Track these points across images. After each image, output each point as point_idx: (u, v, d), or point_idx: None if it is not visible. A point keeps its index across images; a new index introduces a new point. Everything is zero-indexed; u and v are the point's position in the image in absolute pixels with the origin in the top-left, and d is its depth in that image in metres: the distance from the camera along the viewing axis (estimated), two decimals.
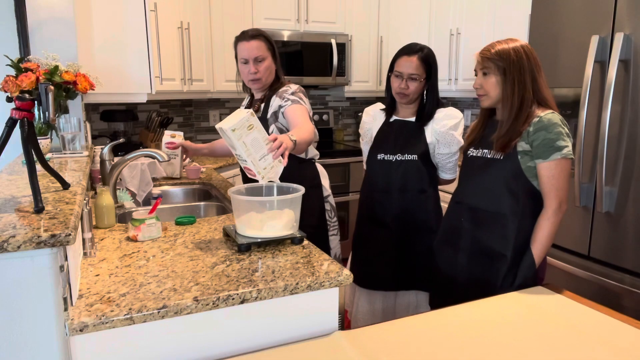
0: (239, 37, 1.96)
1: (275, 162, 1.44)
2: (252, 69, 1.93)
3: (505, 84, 1.54)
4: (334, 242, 2.17)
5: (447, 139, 1.94)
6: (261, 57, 1.92)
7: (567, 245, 2.30)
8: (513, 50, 1.54)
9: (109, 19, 2.42)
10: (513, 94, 1.54)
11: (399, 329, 1.23)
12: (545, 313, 1.30)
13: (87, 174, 1.68)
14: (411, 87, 1.93)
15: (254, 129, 1.40)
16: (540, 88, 1.56)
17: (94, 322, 1.00)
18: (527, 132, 1.52)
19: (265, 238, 1.42)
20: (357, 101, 4.55)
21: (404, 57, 1.95)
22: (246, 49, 1.92)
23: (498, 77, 1.55)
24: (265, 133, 1.43)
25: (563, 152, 1.49)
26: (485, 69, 1.58)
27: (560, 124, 1.50)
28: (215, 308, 1.11)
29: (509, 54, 1.53)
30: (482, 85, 1.60)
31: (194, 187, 2.62)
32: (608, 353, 1.11)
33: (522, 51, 1.54)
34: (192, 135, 3.91)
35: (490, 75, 1.57)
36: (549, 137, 1.49)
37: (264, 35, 1.96)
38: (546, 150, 1.49)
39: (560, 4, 2.28)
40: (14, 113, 1.16)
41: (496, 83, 1.56)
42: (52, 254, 0.98)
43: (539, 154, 1.51)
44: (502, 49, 1.55)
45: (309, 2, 3.74)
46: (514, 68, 1.53)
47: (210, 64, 3.45)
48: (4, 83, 1.86)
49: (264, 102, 2.01)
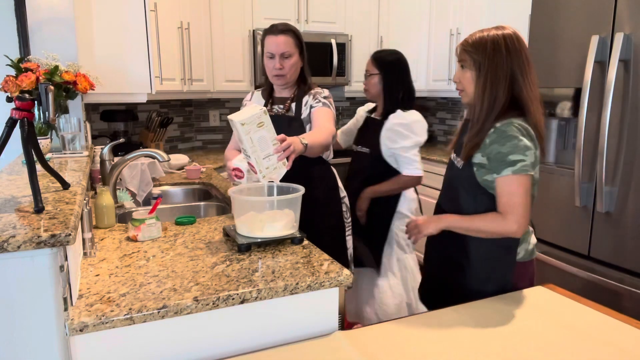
0: (268, 30, 1.91)
1: (279, 164, 1.43)
2: (277, 65, 1.87)
3: (478, 81, 1.37)
4: (349, 242, 2.18)
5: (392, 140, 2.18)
6: (288, 53, 1.88)
7: (567, 245, 2.30)
8: (491, 41, 1.35)
9: (109, 19, 2.42)
10: (484, 93, 1.37)
11: (399, 329, 1.23)
12: (545, 313, 1.30)
13: (87, 174, 1.68)
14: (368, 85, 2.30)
15: (264, 127, 1.40)
16: (523, 88, 1.36)
17: (94, 322, 1.00)
18: (484, 143, 1.38)
19: (265, 238, 1.42)
20: (357, 101, 4.54)
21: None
22: (274, 43, 1.87)
23: (473, 72, 1.39)
24: (275, 133, 1.42)
25: (515, 168, 1.32)
26: (462, 62, 1.42)
27: (516, 136, 1.33)
28: (215, 308, 1.11)
29: (485, 46, 1.35)
30: (459, 80, 1.44)
31: (194, 187, 2.62)
32: (608, 353, 1.11)
33: (503, 43, 1.35)
34: (192, 135, 3.92)
35: (466, 69, 1.41)
36: (501, 150, 1.33)
37: (293, 31, 1.91)
38: (499, 165, 1.35)
39: (560, 4, 2.28)
40: (14, 113, 1.16)
41: (471, 78, 1.40)
42: (52, 254, 0.98)
43: (493, 169, 1.37)
44: (478, 38, 1.38)
45: (309, 2, 3.74)
46: (489, 62, 1.35)
47: (210, 64, 3.45)
48: (4, 83, 1.86)
49: (295, 101, 1.97)
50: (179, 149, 3.79)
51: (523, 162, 1.33)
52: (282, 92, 2.00)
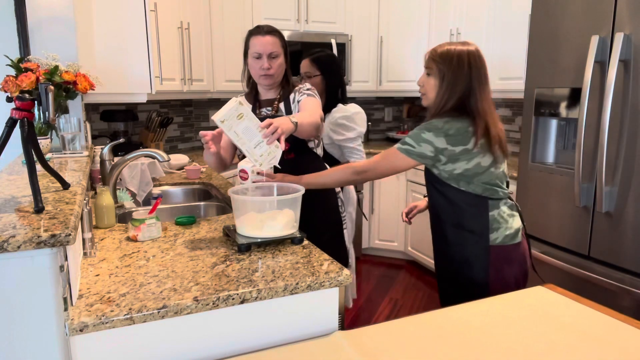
0: (253, 31, 1.92)
1: (271, 147, 1.44)
2: (265, 64, 1.88)
3: (440, 89, 1.55)
4: (345, 235, 2.22)
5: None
6: (275, 54, 1.89)
7: (567, 245, 2.30)
8: (457, 55, 1.52)
9: (109, 19, 2.42)
10: (441, 100, 1.55)
11: (399, 329, 1.23)
12: (545, 313, 1.30)
13: (87, 174, 1.68)
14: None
15: (245, 118, 1.40)
16: (478, 100, 1.53)
17: (94, 322, 1.00)
18: None
19: (265, 238, 1.42)
20: (357, 101, 4.55)
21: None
22: (261, 43, 1.88)
23: (436, 81, 1.56)
24: (258, 120, 1.43)
25: (399, 145, 1.57)
26: (428, 69, 1.58)
27: (422, 129, 1.53)
28: (215, 308, 1.11)
29: (452, 59, 1.52)
30: (423, 84, 1.60)
31: (194, 187, 2.62)
32: (608, 353, 1.12)
33: (467, 58, 1.52)
34: (192, 135, 3.92)
35: (431, 77, 1.57)
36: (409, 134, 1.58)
37: (279, 32, 1.94)
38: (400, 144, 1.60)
39: (560, 4, 2.28)
40: (14, 113, 1.16)
41: (434, 85, 1.57)
42: (52, 254, 0.98)
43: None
44: (446, 51, 1.54)
45: (309, 2, 3.74)
46: (452, 75, 1.52)
47: (210, 64, 3.45)
48: (4, 83, 1.86)
49: (282, 101, 1.98)
50: (179, 149, 3.79)
51: (407, 146, 1.56)
52: (267, 94, 2.00)
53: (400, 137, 4.22)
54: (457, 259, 1.63)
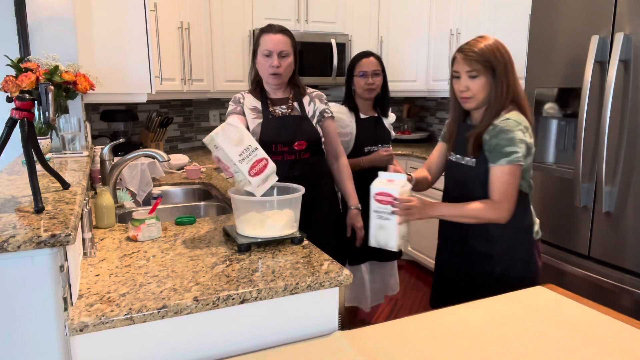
0: (265, 29, 1.92)
1: (251, 179, 1.43)
2: (275, 62, 1.87)
3: (495, 85, 1.51)
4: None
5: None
6: (285, 52, 1.89)
7: (567, 245, 2.30)
8: (497, 48, 1.51)
9: (109, 18, 2.42)
10: (502, 95, 1.51)
11: (398, 329, 1.23)
12: (545, 313, 1.30)
13: (87, 174, 1.68)
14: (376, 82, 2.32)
15: (218, 149, 1.40)
16: (517, 85, 1.54)
17: (94, 322, 1.00)
18: (484, 139, 1.53)
19: (265, 238, 1.42)
20: None
21: (363, 60, 2.32)
22: (273, 41, 1.87)
23: (488, 78, 1.52)
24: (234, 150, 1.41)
25: (510, 158, 1.48)
26: (472, 72, 1.52)
27: (513, 129, 1.48)
28: (215, 308, 1.11)
29: (495, 53, 1.50)
30: (468, 87, 1.54)
31: (194, 187, 2.62)
32: (607, 353, 1.11)
33: (503, 49, 1.53)
34: (192, 135, 3.92)
35: (479, 77, 1.52)
36: (499, 143, 1.49)
37: (290, 33, 1.94)
38: (496, 155, 1.50)
39: (560, 4, 2.28)
40: (14, 113, 1.16)
41: (485, 84, 1.52)
42: (52, 254, 0.98)
43: (490, 159, 1.52)
44: (486, 48, 1.51)
45: (309, 2, 3.74)
46: (502, 67, 1.50)
47: (210, 64, 3.45)
48: (4, 83, 1.86)
49: (295, 101, 1.99)
50: (179, 149, 3.79)
51: (516, 154, 1.48)
52: (277, 93, 1.99)
53: (401, 137, 4.21)
54: (506, 258, 1.60)
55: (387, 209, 1.52)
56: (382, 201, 1.53)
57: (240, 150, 1.42)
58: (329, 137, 2.05)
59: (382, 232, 1.53)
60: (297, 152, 1.92)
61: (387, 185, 1.54)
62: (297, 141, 1.92)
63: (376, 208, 1.55)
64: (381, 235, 1.53)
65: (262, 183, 1.45)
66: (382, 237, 1.53)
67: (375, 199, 1.55)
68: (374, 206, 1.55)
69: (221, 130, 1.40)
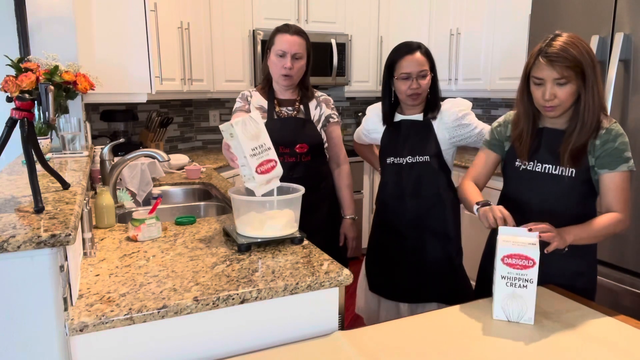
0: (282, 29, 1.89)
1: (257, 176, 1.43)
2: (287, 64, 1.85)
3: (587, 92, 1.37)
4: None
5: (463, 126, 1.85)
6: (299, 55, 1.88)
7: None
8: (585, 50, 1.35)
9: (109, 18, 2.42)
10: (593, 102, 1.37)
11: (399, 329, 1.23)
12: (545, 313, 1.30)
13: (87, 174, 1.68)
14: (422, 84, 1.82)
15: (234, 138, 1.40)
16: (602, 90, 1.40)
17: (94, 322, 1.00)
18: (593, 144, 1.41)
19: (265, 238, 1.42)
20: (357, 101, 4.55)
21: (406, 57, 1.80)
22: (288, 42, 1.85)
23: (578, 83, 1.37)
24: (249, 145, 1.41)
25: (630, 165, 1.40)
26: (563, 79, 1.36)
27: (624, 134, 1.41)
28: (215, 308, 1.11)
29: (584, 56, 1.35)
30: (556, 95, 1.38)
31: (194, 187, 2.62)
32: (608, 353, 1.11)
33: (589, 48, 1.37)
34: (192, 135, 3.92)
35: (567, 85, 1.37)
36: (617, 147, 1.39)
37: (306, 35, 1.92)
38: (613, 161, 1.40)
39: (560, 4, 2.28)
40: (14, 113, 1.16)
41: (575, 91, 1.38)
42: (52, 254, 0.98)
43: (604, 165, 1.41)
44: (575, 50, 1.35)
45: (309, 2, 3.74)
46: (591, 70, 1.36)
47: (210, 64, 3.45)
48: (4, 83, 1.86)
49: (302, 103, 1.99)
50: (179, 149, 3.79)
51: (631, 160, 1.41)
52: (285, 94, 1.99)
53: None
54: (569, 269, 1.51)
55: (524, 275, 1.25)
56: (516, 265, 1.26)
57: (254, 145, 1.42)
58: (332, 142, 2.05)
59: (514, 301, 1.27)
60: (299, 154, 1.92)
61: (520, 246, 1.26)
62: (299, 144, 1.92)
63: (506, 274, 1.27)
64: (514, 305, 1.27)
65: (266, 183, 1.45)
66: (515, 307, 1.27)
67: (504, 262, 1.26)
68: (502, 271, 1.27)
69: (241, 121, 1.40)
